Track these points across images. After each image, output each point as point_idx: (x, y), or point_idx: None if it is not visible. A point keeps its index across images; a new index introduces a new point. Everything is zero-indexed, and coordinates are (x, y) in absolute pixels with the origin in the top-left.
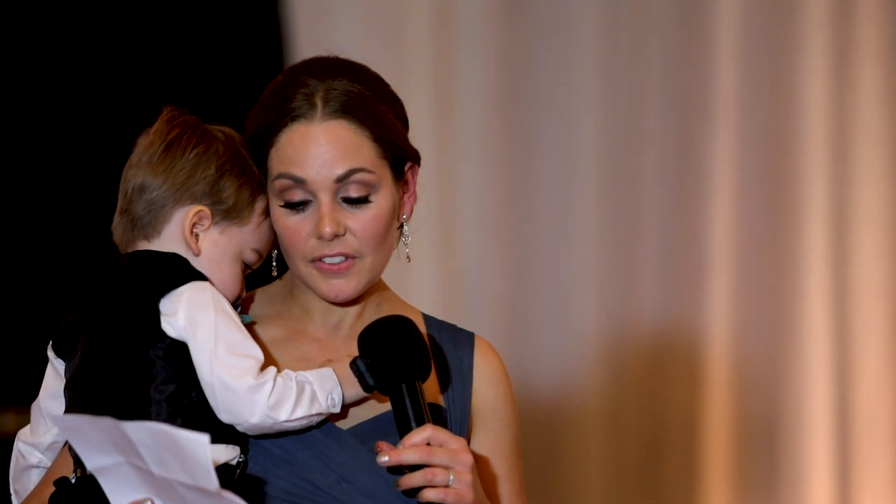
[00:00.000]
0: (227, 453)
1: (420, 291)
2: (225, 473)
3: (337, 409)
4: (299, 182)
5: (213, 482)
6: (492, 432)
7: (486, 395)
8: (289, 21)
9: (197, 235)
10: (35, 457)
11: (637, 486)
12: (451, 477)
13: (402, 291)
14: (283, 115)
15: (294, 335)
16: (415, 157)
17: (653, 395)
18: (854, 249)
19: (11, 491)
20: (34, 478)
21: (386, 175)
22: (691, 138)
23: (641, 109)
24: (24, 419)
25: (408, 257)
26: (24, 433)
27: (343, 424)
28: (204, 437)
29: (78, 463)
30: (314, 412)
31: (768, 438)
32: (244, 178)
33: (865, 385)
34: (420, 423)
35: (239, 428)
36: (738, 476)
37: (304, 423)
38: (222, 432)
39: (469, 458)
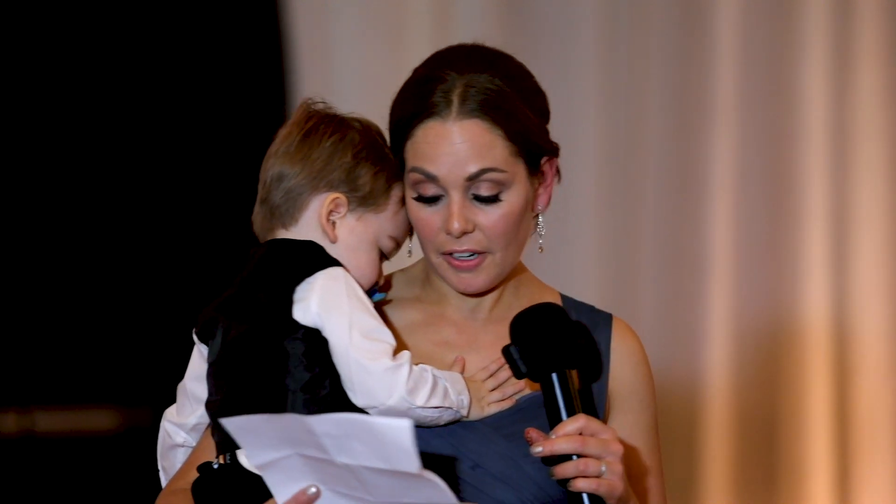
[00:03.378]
0: None
1: None
2: None
3: (464, 413)
4: (431, 178)
5: (415, 464)
6: (631, 413)
7: (624, 376)
8: (289, 21)
9: (334, 223)
10: (181, 436)
11: None
12: (603, 467)
13: None
14: (420, 110)
15: (433, 319)
16: (551, 151)
17: None
18: (854, 249)
19: (160, 467)
20: (180, 456)
21: (519, 171)
22: (691, 138)
23: (641, 109)
24: (25, 419)
25: (540, 248)
26: (170, 413)
27: None
28: (405, 423)
29: (222, 448)
30: (446, 405)
31: (768, 438)
32: (380, 165)
33: (865, 385)
34: (571, 412)
35: (373, 412)
36: (738, 476)
37: (435, 414)
38: None
39: (620, 448)
